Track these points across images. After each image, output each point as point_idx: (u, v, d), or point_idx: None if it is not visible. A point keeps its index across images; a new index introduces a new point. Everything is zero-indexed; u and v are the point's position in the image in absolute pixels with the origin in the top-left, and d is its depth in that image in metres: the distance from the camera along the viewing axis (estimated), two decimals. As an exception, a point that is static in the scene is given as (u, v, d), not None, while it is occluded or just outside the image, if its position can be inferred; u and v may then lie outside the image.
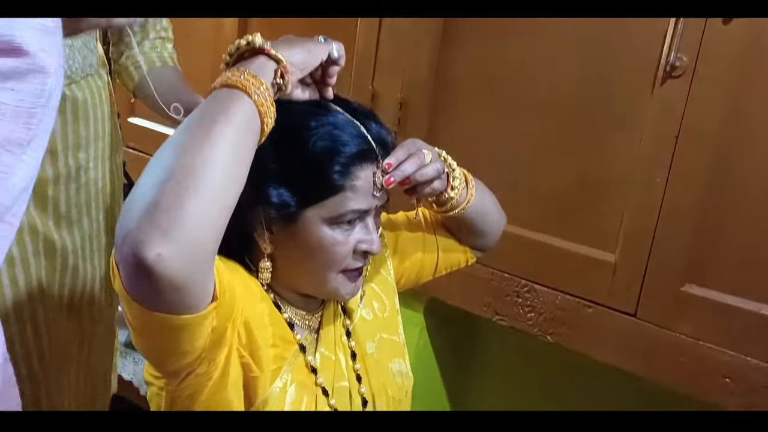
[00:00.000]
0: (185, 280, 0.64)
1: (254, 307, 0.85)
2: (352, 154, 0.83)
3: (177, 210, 0.63)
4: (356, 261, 0.89)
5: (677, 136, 1.23)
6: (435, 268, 1.12)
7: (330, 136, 0.83)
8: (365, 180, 0.85)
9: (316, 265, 0.87)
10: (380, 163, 0.87)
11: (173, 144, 0.68)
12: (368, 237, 0.88)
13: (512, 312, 1.50)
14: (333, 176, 0.83)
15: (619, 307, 1.35)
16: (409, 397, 1.04)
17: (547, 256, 1.43)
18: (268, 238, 0.86)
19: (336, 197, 0.84)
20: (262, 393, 0.83)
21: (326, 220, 0.85)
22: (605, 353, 1.38)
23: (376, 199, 0.87)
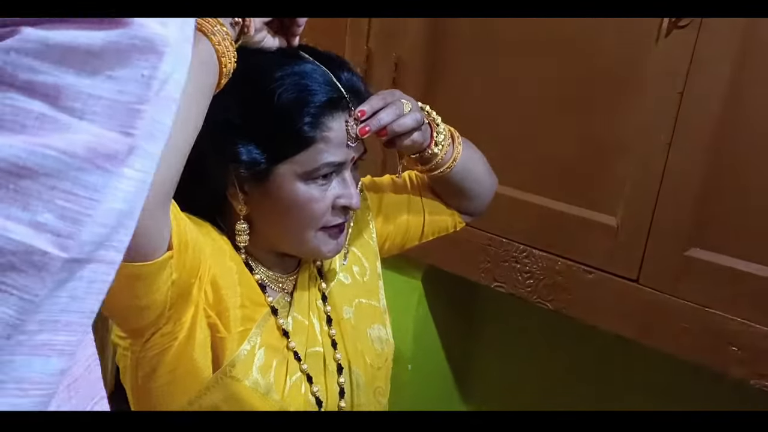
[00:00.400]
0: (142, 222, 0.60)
1: (223, 264, 0.82)
2: (322, 103, 0.79)
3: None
4: (336, 217, 0.85)
5: (682, 92, 1.16)
6: (421, 231, 1.08)
7: (297, 86, 0.79)
8: (338, 131, 0.81)
9: (294, 224, 0.83)
10: (353, 112, 0.82)
11: None
12: (346, 191, 0.84)
13: (511, 278, 1.45)
14: (303, 128, 0.78)
15: (620, 272, 1.29)
16: (389, 363, 1.00)
17: (546, 219, 1.37)
18: (242, 198, 0.82)
19: (308, 151, 0.80)
20: (229, 355, 0.80)
21: (300, 176, 0.81)
22: (606, 320, 1.33)
23: (351, 150, 0.83)
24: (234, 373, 0.80)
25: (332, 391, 0.90)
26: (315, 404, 0.88)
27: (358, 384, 0.93)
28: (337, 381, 0.91)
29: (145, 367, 0.80)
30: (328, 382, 0.90)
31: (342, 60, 0.86)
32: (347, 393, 0.92)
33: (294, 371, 0.86)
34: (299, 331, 0.89)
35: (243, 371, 0.81)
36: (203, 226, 0.83)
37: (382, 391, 0.97)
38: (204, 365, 0.80)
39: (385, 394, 0.99)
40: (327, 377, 0.90)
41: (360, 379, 0.93)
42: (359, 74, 0.87)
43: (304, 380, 0.87)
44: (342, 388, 0.91)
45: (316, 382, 0.89)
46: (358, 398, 0.93)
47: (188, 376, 0.80)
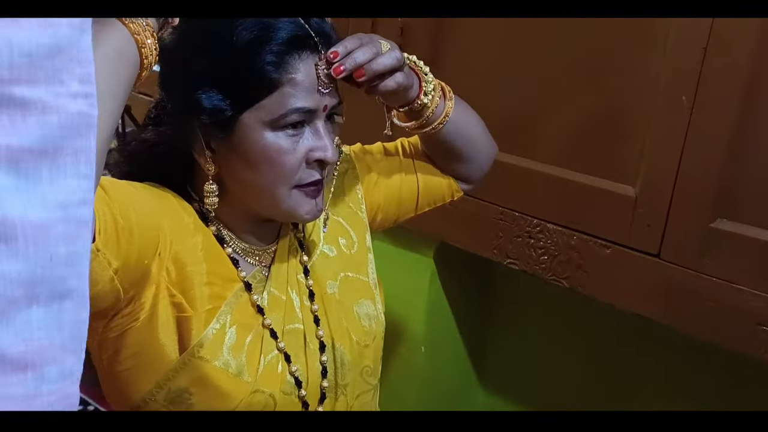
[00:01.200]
0: None
1: (185, 240, 0.77)
2: (285, 40, 0.73)
3: None
4: (311, 172, 0.78)
5: (705, 47, 1.06)
6: (416, 201, 1.01)
7: (258, 23, 0.73)
8: (306, 74, 0.74)
9: (264, 180, 0.77)
10: (322, 54, 0.75)
11: None
12: (320, 143, 0.77)
13: (524, 254, 1.36)
14: (266, 68, 0.72)
15: (640, 247, 1.19)
16: (379, 341, 0.93)
17: (560, 191, 1.28)
18: (209, 156, 0.77)
19: (274, 95, 0.73)
20: (196, 335, 0.76)
21: (267, 124, 0.74)
22: (625, 299, 1.24)
23: (324, 98, 0.76)
24: (202, 353, 0.75)
25: (313, 369, 0.85)
26: (294, 384, 0.82)
27: (343, 362, 0.87)
28: (319, 359, 0.85)
29: (108, 350, 0.77)
30: (309, 361, 0.84)
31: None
32: (330, 372, 0.86)
33: (270, 350, 0.81)
34: (275, 307, 0.83)
35: (212, 351, 0.76)
36: (163, 198, 0.78)
37: (370, 371, 0.91)
38: (170, 347, 0.76)
39: (374, 374, 0.93)
40: (308, 355, 0.84)
41: (345, 357, 0.87)
42: (332, 23, 0.80)
43: (282, 359, 0.82)
44: (324, 366, 0.86)
45: (295, 361, 0.83)
46: (343, 377, 0.87)
47: (153, 358, 0.76)
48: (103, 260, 0.64)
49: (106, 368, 0.79)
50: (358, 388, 0.90)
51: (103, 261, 0.64)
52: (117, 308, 0.73)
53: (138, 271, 0.71)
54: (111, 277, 0.66)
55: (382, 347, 0.95)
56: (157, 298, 0.75)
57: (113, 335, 0.75)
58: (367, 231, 0.97)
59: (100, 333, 0.76)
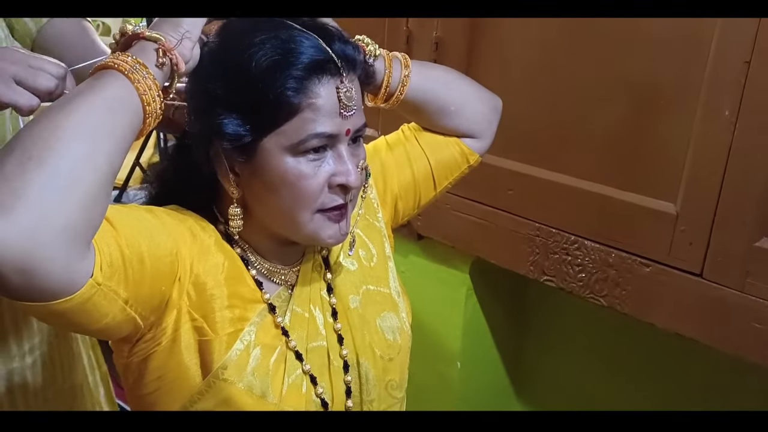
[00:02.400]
0: (30, 261, 0.55)
1: (205, 261, 0.77)
2: (306, 65, 0.72)
3: (18, 180, 0.55)
4: (334, 197, 0.77)
5: (749, 61, 1.02)
6: (432, 179, 1.00)
7: (279, 48, 0.72)
8: (327, 98, 0.73)
9: (286, 204, 0.76)
10: (344, 78, 0.74)
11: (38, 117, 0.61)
12: (342, 167, 0.76)
13: (561, 271, 1.34)
14: (286, 93, 0.71)
15: (681, 265, 1.16)
16: (404, 354, 0.92)
17: (598, 207, 1.25)
18: (233, 180, 0.77)
19: (294, 120, 0.73)
20: (218, 358, 0.75)
21: (287, 149, 0.74)
22: (666, 318, 1.20)
23: (346, 122, 0.75)
24: (226, 375, 0.75)
25: (338, 389, 0.84)
26: (320, 405, 0.82)
27: (368, 378, 0.86)
28: (343, 379, 0.85)
29: (133, 374, 0.77)
30: (333, 381, 0.84)
31: (336, 30, 0.79)
32: (355, 391, 0.85)
33: (293, 370, 0.80)
34: (298, 326, 0.83)
35: (236, 373, 0.76)
36: (182, 221, 0.78)
37: (395, 384, 0.90)
38: (193, 370, 0.75)
39: (399, 387, 0.91)
40: (332, 374, 0.84)
41: (369, 373, 0.86)
42: (357, 45, 0.79)
43: (306, 380, 0.81)
44: (348, 387, 0.85)
45: (320, 381, 0.82)
46: (368, 394, 0.86)
47: (178, 381, 0.76)
48: (109, 292, 0.63)
49: (133, 392, 0.79)
50: (383, 403, 0.89)
51: (108, 293, 0.63)
52: (140, 334, 0.74)
53: (155, 298, 0.71)
54: (122, 307, 0.66)
55: (408, 359, 0.93)
56: (179, 322, 0.75)
57: (137, 360, 0.76)
58: (386, 239, 0.96)
59: (126, 357, 0.77)
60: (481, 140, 1.01)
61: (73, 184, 0.57)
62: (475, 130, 1.00)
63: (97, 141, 0.60)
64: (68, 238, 0.57)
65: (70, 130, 0.58)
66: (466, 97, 0.98)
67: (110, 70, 0.65)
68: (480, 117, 1.00)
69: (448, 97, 0.96)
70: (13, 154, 0.56)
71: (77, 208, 0.57)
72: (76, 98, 0.61)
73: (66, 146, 0.57)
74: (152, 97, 0.65)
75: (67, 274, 0.58)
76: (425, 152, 0.98)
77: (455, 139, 0.99)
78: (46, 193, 0.55)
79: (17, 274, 0.55)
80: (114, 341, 0.78)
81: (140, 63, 0.65)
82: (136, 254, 0.66)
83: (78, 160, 0.58)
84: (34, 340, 1.21)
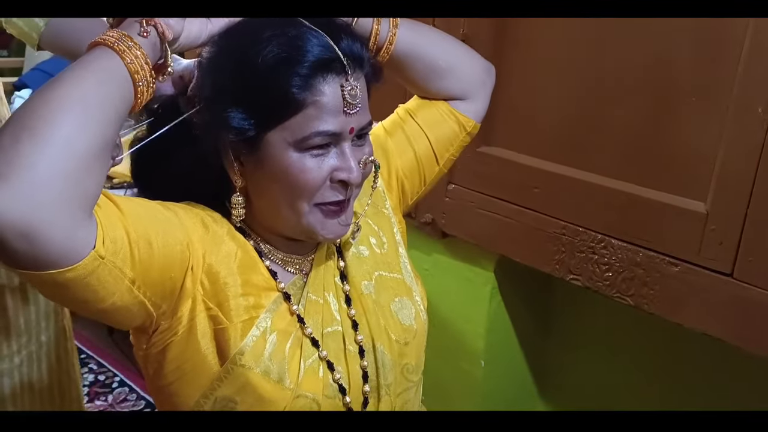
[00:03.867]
0: (31, 226, 0.57)
1: (218, 250, 0.79)
2: (312, 63, 0.73)
3: (12, 151, 0.58)
4: (335, 193, 0.78)
5: (784, 55, 1.00)
6: (433, 153, 1.00)
7: (286, 45, 0.73)
8: (332, 96, 0.74)
9: (287, 196, 0.77)
10: (350, 76, 0.75)
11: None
12: (345, 164, 0.77)
13: (587, 270, 1.32)
14: (291, 91, 0.72)
15: (711, 265, 1.14)
16: (420, 338, 0.92)
17: (626, 206, 1.24)
18: (238, 169, 0.78)
19: (298, 117, 0.74)
20: (234, 345, 0.77)
21: (292, 144, 0.75)
22: (694, 318, 1.18)
23: (350, 119, 0.76)
24: (244, 361, 0.76)
25: (355, 374, 0.85)
26: (338, 391, 0.83)
27: (383, 363, 0.86)
28: (359, 364, 0.85)
29: (153, 365, 0.79)
30: (350, 365, 0.84)
31: (345, 25, 0.80)
32: (371, 375, 0.86)
33: (309, 355, 0.81)
34: (313, 312, 0.84)
35: (253, 358, 0.77)
36: (193, 213, 0.79)
37: (411, 368, 0.90)
38: (211, 358, 0.77)
39: (416, 371, 0.92)
40: (348, 359, 0.84)
41: (385, 358, 0.87)
42: (364, 41, 0.80)
43: (323, 365, 0.82)
44: (365, 372, 0.85)
45: (336, 366, 0.83)
46: (385, 378, 0.86)
47: (196, 370, 0.77)
48: (114, 269, 0.65)
49: (153, 383, 0.81)
50: (399, 386, 0.89)
51: (113, 270, 0.65)
52: (156, 324, 0.75)
53: (165, 285, 0.72)
54: (129, 288, 0.67)
55: (424, 343, 0.94)
56: (194, 311, 0.76)
57: (156, 350, 0.77)
58: (395, 225, 0.97)
59: (144, 349, 0.78)
60: (475, 101, 1.01)
61: (65, 151, 0.59)
62: (468, 90, 1.00)
63: (87, 110, 0.62)
64: (64, 205, 0.59)
65: (60, 100, 0.62)
66: (457, 55, 0.98)
67: (99, 45, 0.67)
68: (472, 76, 1.00)
69: (438, 51, 0.96)
70: (8, 128, 0.60)
71: (70, 175, 0.60)
72: (66, 73, 0.64)
73: (57, 116, 0.60)
74: (139, 65, 0.67)
75: (68, 241, 0.60)
76: (423, 129, 0.99)
77: (450, 109, 0.99)
78: (39, 160, 0.58)
79: (20, 239, 0.57)
80: (133, 334, 0.80)
81: (125, 35, 0.67)
82: (143, 237, 0.68)
83: (69, 129, 0.60)
84: (21, 340, 1.22)
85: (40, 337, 1.25)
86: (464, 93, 1.00)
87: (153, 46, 0.70)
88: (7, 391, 1.22)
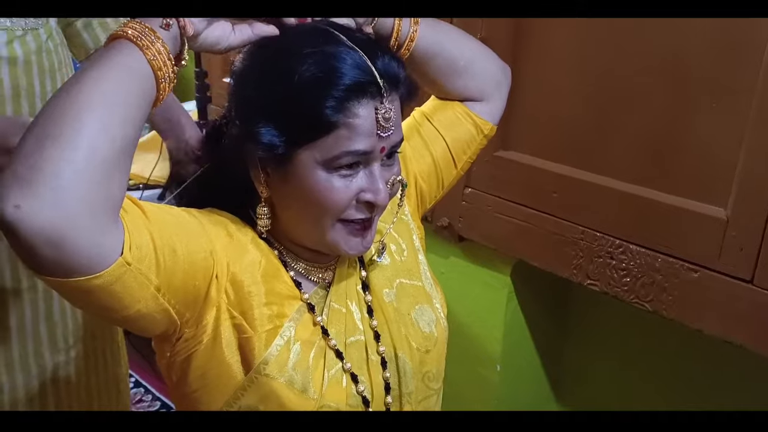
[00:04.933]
0: (58, 232, 0.57)
1: (241, 258, 0.78)
2: (348, 87, 0.72)
3: (36, 156, 0.57)
4: (359, 212, 0.78)
5: (806, 60, 0.99)
6: (451, 157, 1.00)
7: (323, 65, 0.72)
8: (365, 118, 0.74)
9: (311, 214, 0.77)
10: (384, 99, 0.74)
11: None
12: (372, 185, 0.76)
13: (605, 276, 1.32)
14: (325, 112, 0.72)
15: (731, 271, 1.13)
16: (440, 346, 0.92)
17: (644, 211, 1.23)
18: (264, 180, 0.78)
19: (329, 137, 0.73)
20: (258, 355, 0.77)
21: (321, 163, 0.74)
22: (714, 325, 1.17)
23: (381, 141, 0.75)
24: (268, 370, 0.76)
25: (378, 385, 0.85)
26: (362, 403, 0.83)
27: (405, 372, 0.86)
28: (382, 375, 0.85)
29: (177, 373, 0.79)
30: (372, 376, 0.84)
31: (384, 46, 0.79)
32: (393, 385, 0.86)
33: (332, 365, 0.81)
34: (336, 321, 0.84)
35: (277, 368, 0.77)
36: (218, 222, 0.79)
37: (432, 376, 0.90)
38: (235, 367, 0.77)
39: (436, 379, 0.91)
40: (371, 369, 0.84)
41: (407, 366, 0.86)
42: (402, 60, 0.79)
43: (346, 376, 0.82)
44: (387, 383, 0.85)
45: (359, 377, 0.83)
46: (406, 386, 0.86)
47: (220, 379, 0.77)
48: (139, 276, 0.65)
49: (177, 391, 0.81)
50: (420, 394, 0.89)
51: (138, 276, 0.64)
52: (179, 333, 0.75)
53: (189, 292, 0.72)
54: (154, 295, 0.67)
55: (445, 350, 0.93)
56: (219, 320, 0.76)
57: (180, 359, 0.77)
58: (414, 232, 0.97)
59: (168, 357, 0.78)
60: (491, 103, 1.01)
61: (89, 155, 0.59)
62: (485, 91, 1.00)
63: (110, 111, 0.62)
64: (90, 210, 0.59)
65: (82, 103, 0.60)
66: (475, 53, 0.98)
67: (120, 39, 0.66)
68: (488, 76, 1.00)
69: (457, 50, 0.96)
70: (32, 132, 0.59)
71: (95, 179, 0.59)
72: (87, 70, 0.63)
73: (79, 120, 0.60)
74: (162, 61, 0.66)
75: (94, 248, 0.60)
76: (440, 132, 0.99)
77: (467, 111, 1.00)
78: (63, 166, 0.58)
79: (48, 246, 0.57)
80: (155, 342, 0.80)
81: (148, 27, 0.66)
82: (168, 244, 0.68)
83: (92, 132, 0.60)
84: (78, 334, 1.24)
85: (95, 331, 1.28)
86: (481, 93, 1.00)
87: (174, 40, 0.69)
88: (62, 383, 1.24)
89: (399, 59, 0.78)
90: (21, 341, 1.17)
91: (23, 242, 0.57)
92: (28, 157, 0.58)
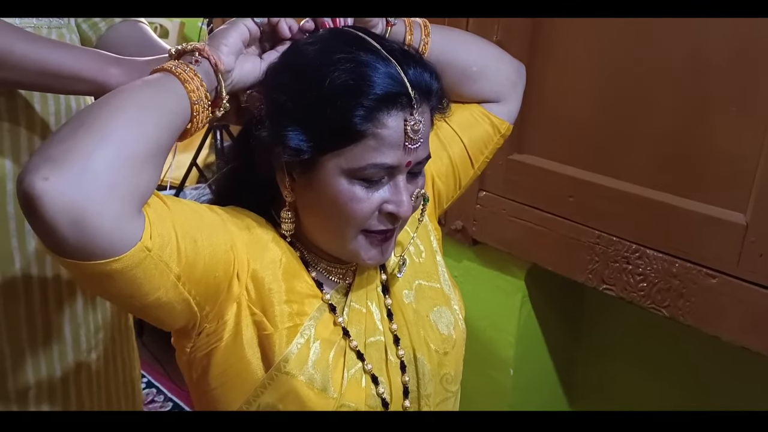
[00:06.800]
0: (81, 212, 0.58)
1: (262, 256, 0.79)
2: (379, 97, 0.72)
3: (70, 141, 0.60)
4: (381, 223, 0.78)
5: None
6: (468, 157, 1.00)
7: (354, 73, 0.72)
8: (394, 130, 0.73)
9: (333, 221, 0.77)
10: (415, 111, 0.74)
11: None
12: (396, 197, 0.76)
13: (621, 280, 1.31)
14: (354, 121, 0.71)
15: (750, 277, 1.12)
16: (459, 348, 0.92)
17: (662, 216, 1.22)
18: (289, 184, 0.78)
19: (356, 146, 0.73)
20: (279, 352, 0.77)
21: (345, 172, 0.74)
22: (732, 332, 1.16)
23: (409, 154, 0.75)
24: (288, 368, 0.76)
25: (396, 387, 0.85)
26: (381, 404, 0.83)
27: (424, 373, 0.86)
28: (401, 378, 0.85)
29: (197, 369, 0.79)
30: (392, 378, 0.84)
31: (416, 55, 0.79)
32: (412, 387, 0.86)
33: (352, 365, 0.81)
34: (356, 321, 0.84)
35: (297, 366, 0.77)
36: (239, 219, 0.80)
37: (450, 378, 0.90)
38: (256, 364, 0.77)
39: (454, 381, 0.91)
40: (390, 370, 0.84)
41: (425, 368, 0.87)
42: (435, 71, 0.78)
43: (366, 376, 0.82)
44: (406, 386, 0.85)
45: (379, 377, 0.83)
46: (425, 389, 0.86)
47: (241, 375, 0.77)
48: (159, 263, 0.65)
49: (197, 388, 0.81)
50: (438, 397, 0.89)
51: (159, 263, 0.65)
52: (199, 327, 0.75)
53: (209, 284, 0.72)
54: (174, 283, 0.67)
55: (463, 352, 0.93)
56: (240, 316, 0.76)
57: (200, 355, 0.77)
58: (431, 233, 0.97)
59: (188, 354, 0.79)
60: (507, 103, 1.02)
61: (119, 146, 0.62)
62: (500, 92, 1.00)
63: (143, 112, 0.65)
64: (115, 197, 0.60)
65: (119, 101, 0.65)
66: (488, 57, 0.98)
67: (160, 71, 0.71)
68: (503, 78, 1.00)
69: (470, 56, 0.96)
70: (67, 124, 0.63)
71: (122, 169, 0.61)
72: (125, 86, 0.68)
73: (113, 114, 0.63)
74: (195, 86, 0.69)
75: (116, 231, 0.61)
76: (457, 133, 0.99)
77: (483, 111, 1.00)
78: (94, 151, 0.60)
79: (70, 226, 0.58)
80: (175, 338, 0.80)
81: (182, 63, 0.71)
82: (190, 235, 0.69)
83: (124, 125, 0.63)
84: (99, 336, 1.25)
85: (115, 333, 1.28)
86: (497, 95, 1.00)
87: (207, 75, 0.71)
88: (84, 384, 1.24)
89: (433, 70, 0.78)
90: (47, 342, 1.18)
91: (47, 219, 0.58)
92: (62, 142, 0.60)
